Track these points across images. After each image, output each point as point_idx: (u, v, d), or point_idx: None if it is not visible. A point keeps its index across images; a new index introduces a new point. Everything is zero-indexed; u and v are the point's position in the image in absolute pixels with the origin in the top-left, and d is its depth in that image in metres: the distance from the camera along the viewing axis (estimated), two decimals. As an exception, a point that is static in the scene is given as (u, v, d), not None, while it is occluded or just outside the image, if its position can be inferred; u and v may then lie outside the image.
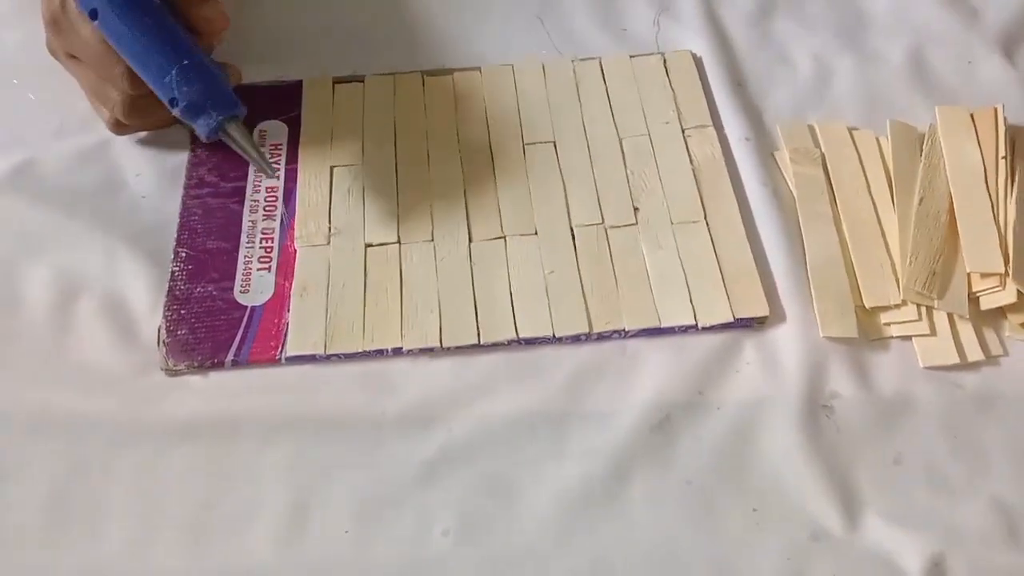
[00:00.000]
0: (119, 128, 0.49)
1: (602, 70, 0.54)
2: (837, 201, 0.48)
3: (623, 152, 0.50)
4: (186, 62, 0.43)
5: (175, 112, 0.44)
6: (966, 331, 0.44)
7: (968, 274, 0.45)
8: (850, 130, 0.51)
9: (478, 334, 0.44)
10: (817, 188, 0.49)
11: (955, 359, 0.44)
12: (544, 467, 0.41)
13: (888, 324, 0.45)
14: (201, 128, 0.44)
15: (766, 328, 0.45)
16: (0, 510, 0.40)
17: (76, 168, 0.50)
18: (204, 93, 0.43)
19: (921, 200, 0.47)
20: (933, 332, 0.44)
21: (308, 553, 0.39)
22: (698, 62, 0.55)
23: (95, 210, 0.48)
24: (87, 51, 0.45)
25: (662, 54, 0.55)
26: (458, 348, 0.44)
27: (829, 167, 0.50)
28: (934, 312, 0.45)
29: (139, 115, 0.47)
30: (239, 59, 0.53)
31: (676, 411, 0.42)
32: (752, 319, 0.44)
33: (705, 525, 0.39)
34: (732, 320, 0.44)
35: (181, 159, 0.50)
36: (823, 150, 0.50)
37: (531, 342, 0.44)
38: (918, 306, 0.45)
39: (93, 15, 0.43)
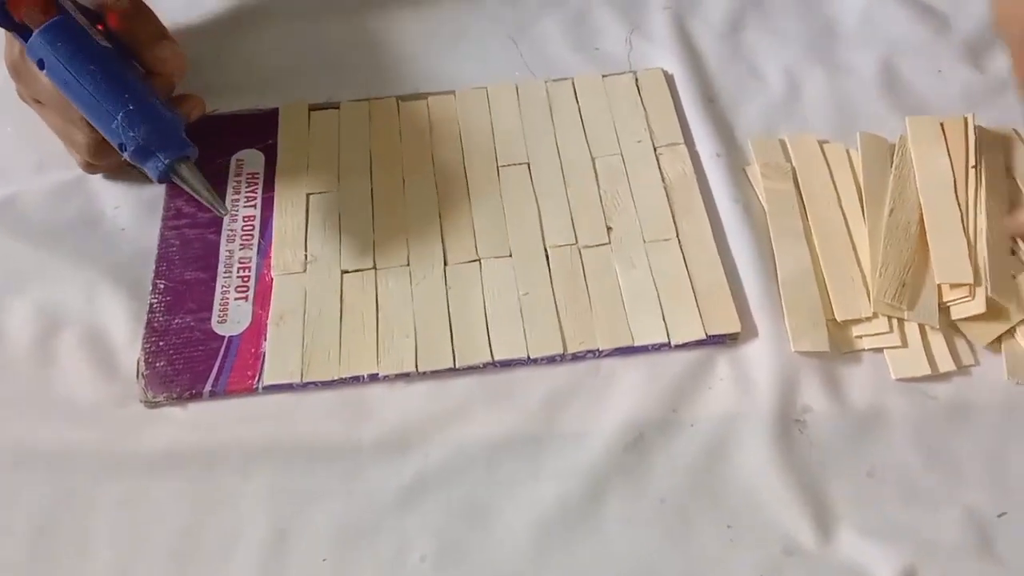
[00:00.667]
0: (90, 168, 0.50)
1: (575, 90, 0.54)
2: (808, 215, 0.49)
3: (596, 172, 0.51)
4: (131, 107, 0.43)
5: (125, 156, 0.44)
6: (937, 342, 0.45)
7: (939, 285, 0.46)
8: (821, 143, 0.52)
9: (454, 358, 0.44)
10: (788, 203, 0.49)
11: (926, 370, 0.44)
12: (520, 489, 0.41)
13: (860, 337, 0.45)
14: (151, 171, 0.44)
15: (739, 344, 0.45)
16: (-15, 543, 0.40)
17: (56, 202, 0.51)
18: (150, 137, 0.43)
19: (891, 211, 0.48)
20: (905, 344, 0.45)
21: (288, 582, 0.39)
22: (669, 79, 0.55)
23: (75, 244, 0.49)
24: (48, 97, 0.46)
25: (634, 73, 0.55)
26: (434, 372, 0.44)
27: (800, 181, 0.50)
28: (905, 324, 0.45)
29: (105, 156, 0.48)
30: (215, 88, 0.54)
31: (650, 429, 0.43)
32: (724, 335, 0.45)
33: (680, 543, 0.40)
34: (704, 337, 0.44)
35: (159, 191, 0.51)
36: (794, 164, 0.51)
37: (506, 364, 0.44)
38: (889, 318, 0.45)
39: (40, 65, 0.44)
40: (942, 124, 0.51)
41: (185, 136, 0.45)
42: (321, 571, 0.39)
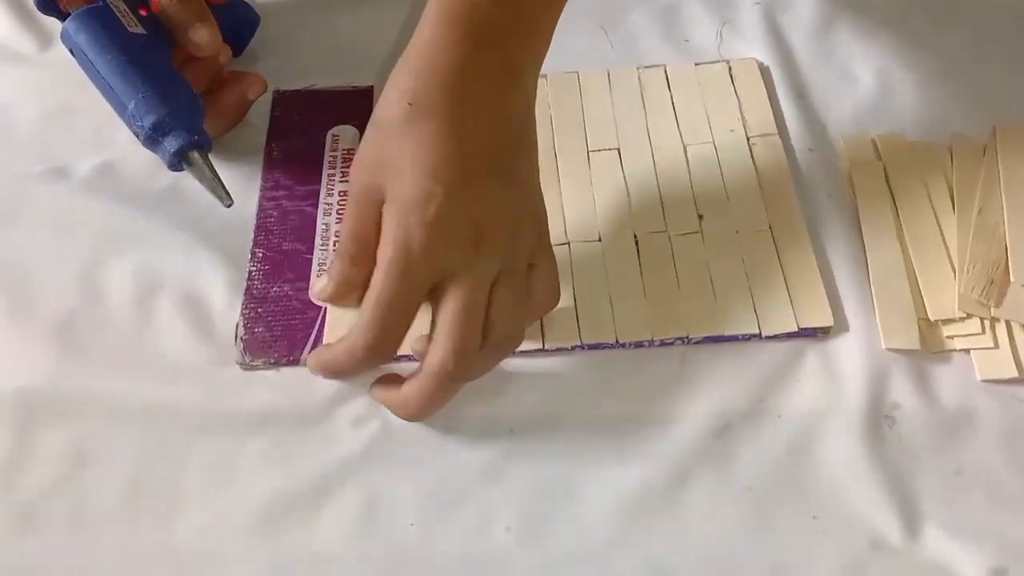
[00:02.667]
0: None
1: (667, 78, 0.55)
2: (900, 214, 0.49)
3: (687, 160, 0.51)
4: (141, 95, 0.44)
5: (142, 144, 0.45)
6: (1024, 346, 0.44)
7: (1026, 287, 0.45)
8: (912, 144, 0.51)
9: (542, 338, 0.45)
10: (880, 201, 0.49)
11: (1013, 373, 0.43)
12: (604, 471, 0.42)
13: (951, 337, 0.45)
14: (162, 159, 0.45)
15: (829, 338, 0.45)
16: (81, 493, 0.42)
17: (156, 169, 0.52)
18: (157, 126, 0.44)
19: (979, 211, 0.48)
20: (996, 346, 0.44)
21: (375, 544, 0.40)
22: (764, 70, 0.55)
23: (174, 210, 0.50)
24: None
25: (727, 62, 0.55)
26: (522, 352, 0.44)
27: (891, 180, 0.50)
28: (997, 327, 0.45)
29: None
30: (312, 64, 0.56)
31: (737, 418, 0.43)
32: (816, 329, 0.45)
33: (764, 532, 0.40)
34: (796, 329, 0.44)
35: (257, 161, 0.52)
36: (885, 163, 0.51)
37: (594, 347, 0.45)
38: (982, 320, 0.45)
39: (72, 54, 0.45)
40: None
41: (200, 124, 0.45)
42: (407, 535, 0.40)
